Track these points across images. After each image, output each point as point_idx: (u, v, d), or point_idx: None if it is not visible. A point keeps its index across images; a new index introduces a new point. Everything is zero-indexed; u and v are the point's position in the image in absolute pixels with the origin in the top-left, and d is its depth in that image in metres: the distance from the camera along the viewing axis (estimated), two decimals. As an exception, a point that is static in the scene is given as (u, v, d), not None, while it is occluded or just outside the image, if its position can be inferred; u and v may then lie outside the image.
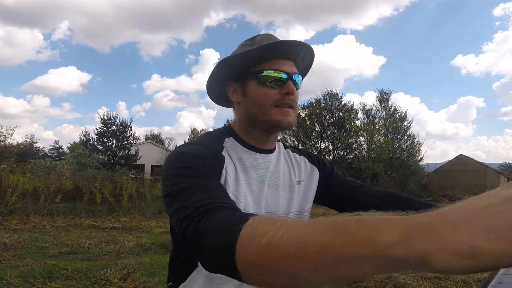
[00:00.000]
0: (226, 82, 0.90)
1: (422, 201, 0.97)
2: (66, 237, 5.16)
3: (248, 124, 0.89)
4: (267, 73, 0.82)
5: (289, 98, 0.83)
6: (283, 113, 0.83)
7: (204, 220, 0.55)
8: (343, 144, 25.90)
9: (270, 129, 0.87)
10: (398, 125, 25.92)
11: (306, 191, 0.97)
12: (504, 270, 0.74)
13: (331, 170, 1.03)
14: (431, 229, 0.32)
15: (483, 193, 0.34)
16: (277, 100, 0.82)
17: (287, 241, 0.40)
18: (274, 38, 0.87)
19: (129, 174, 12.68)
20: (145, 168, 29.14)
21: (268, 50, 0.82)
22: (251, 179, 0.85)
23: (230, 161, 0.83)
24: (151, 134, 49.01)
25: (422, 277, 3.97)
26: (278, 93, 0.82)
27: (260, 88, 0.83)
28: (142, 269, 3.73)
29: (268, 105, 0.83)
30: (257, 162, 0.88)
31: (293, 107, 0.85)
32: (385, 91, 26.75)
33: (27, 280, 3.25)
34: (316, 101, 27.20)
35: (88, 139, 25.64)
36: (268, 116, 0.83)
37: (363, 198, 0.97)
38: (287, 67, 0.84)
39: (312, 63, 0.95)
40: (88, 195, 7.81)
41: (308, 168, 1.00)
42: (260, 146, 0.90)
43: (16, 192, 6.81)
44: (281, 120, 0.83)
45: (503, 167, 51.36)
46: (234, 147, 0.87)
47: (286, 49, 0.84)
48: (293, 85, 0.83)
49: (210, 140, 0.86)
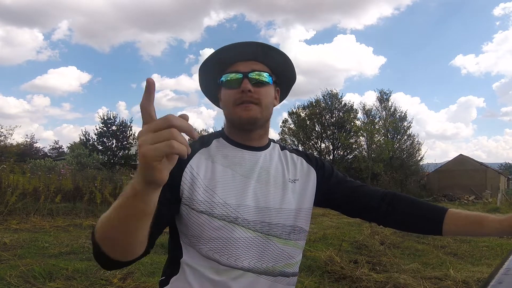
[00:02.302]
0: (216, 88, 1.00)
1: (421, 201, 0.98)
2: (66, 237, 5.16)
3: (229, 125, 0.97)
4: (225, 77, 0.92)
5: (247, 95, 0.88)
6: (243, 109, 0.89)
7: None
8: (343, 144, 25.88)
9: (239, 126, 0.93)
10: (398, 125, 25.91)
11: (302, 190, 0.97)
12: (504, 270, 0.74)
13: (331, 171, 1.04)
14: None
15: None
16: (236, 99, 0.89)
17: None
18: (244, 42, 0.94)
19: (129, 174, 12.67)
20: (145, 168, 29.06)
21: (220, 56, 0.92)
22: (235, 174, 0.89)
23: (203, 159, 0.88)
24: (151, 134, 48.87)
25: (422, 277, 3.96)
26: (236, 92, 0.89)
27: (224, 91, 0.93)
28: (142, 269, 3.73)
29: (230, 105, 0.91)
30: (242, 158, 0.93)
31: (256, 103, 0.89)
32: (385, 91, 26.76)
33: (27, 280, 3.25)
34: (316, 101, 27.20)
35: (88, 139, 25.60)
36: (233, 115, 0.91)
37: (363, 198, 0.98)
38: (243, 67, 0.91)
39: (287, 59, 0.98)
40: (88, 195, 7.80)
41: (304, 168, 1.01)
42: (246, 143, 0.95)
43: (16, 192, 6.79)
44: (241, 116, 0.89)
45: (503, 167, 51.37)
46: (220, 146, 0.94)
47: (231, 51, 0.91)
48: (248, 82, 0.88)
49: (196, 143, 0.92)
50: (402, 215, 0.95)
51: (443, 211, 0.90)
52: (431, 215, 0.90)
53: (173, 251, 0.90)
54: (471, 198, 19.49)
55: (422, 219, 0.92)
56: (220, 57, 0.93)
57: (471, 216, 0.86)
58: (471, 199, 19.18)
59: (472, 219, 0.85)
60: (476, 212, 0.88)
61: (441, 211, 0.90)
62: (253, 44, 0.91)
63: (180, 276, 0.86)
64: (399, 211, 0.95)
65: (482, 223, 0.83)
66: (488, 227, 0.82)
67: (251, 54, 0.92)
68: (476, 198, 19.58)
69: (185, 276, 0.85)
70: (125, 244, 0.64)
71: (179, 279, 0.86)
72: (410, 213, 0.94)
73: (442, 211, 0.90)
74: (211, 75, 0.97)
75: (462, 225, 0.87)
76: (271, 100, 0.95)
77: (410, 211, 0.94)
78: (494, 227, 0.82)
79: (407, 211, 0.94)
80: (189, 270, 0.85)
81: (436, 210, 0.91)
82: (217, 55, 0.93)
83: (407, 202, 0.96)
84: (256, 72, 0.90)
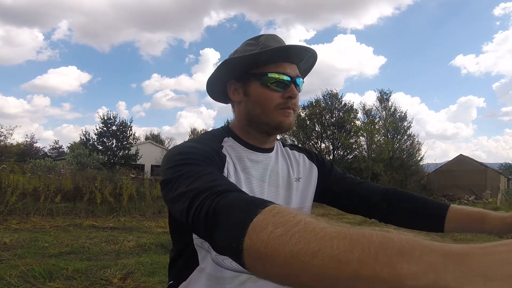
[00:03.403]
0: (227, 80, 0.90)
1: (423, 197, 0.96)
2: (66, 237, 5.15)
3: (248, 124, 0.89)
4: (271, 75, 0.83)
5: (291, 101, 0.84)
6: (285, 114, 0.84)
7: (221, 198, 0.53)
8: (343, 144, 25.87)
9: (271, 130, 0.88)
10: (398, 125, 25.91)
11: (305, 188, 0.96)
12: None
13: (330, 168, 1.03)
14: (468, 267, 0.29)
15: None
16: (280, 104, 0.84)
17: (299, 241, 0.38)
18: (279, 40, 0.88)
19: (129, 174, 12.67)
20: (145, 168, 29.15)
21: (274, 53, 0.83)
22: (251, 178, 0.85)
23: (230, 160, 0.83)
24: (151, 134, 49.05)
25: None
26: (281, 96, 0.83)
27: (263, 89, 0.84)
28: (142, 269, 3.73)
29: (271, 107, 0.84)
30: (257, 161, 0.88)
31: (294, 109, 0.86)
32: (385, 91, 26.78)
33: (27, 280, 3.25)
34: (316, 101, 27.19)
35: (88, 139, 25.62)
36: (271, 118, 0.84)
37: (363, 195, 0.96)
38: (290, 70, 0.85)
39: (313, 66, 0.96)
40: (88, 195, 7.79)
41: (307, 165, 1.00)
42: (259, 145, 0.90)
43: (16, 192, 6.79)
44: (283, 121, 0.84)
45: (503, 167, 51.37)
46: (233, 146, 0.87)
47: (291, 53, 0.85)
48: (295, 88, 0.84)
49: (209, 138, 0.86)
50: (403, 212, 0.93)
51: (445, 207, 0.88)
52: (433, 212, 0.88)
53: (183, 253, 0.86)
54: (471, 198, 19.47)
55: (424, 216, 0.90)
56: (260, 55, 0.82)
57: (474, 212, 0.84)
58: (471, 199, 19.17)
59: (474, 216, 0.83)
60: (478, 208, 0.86)
61: (443, 208, 0.88)
62: (307, 49, 0.86)
63: (191, 282, 0.84)
64: (401, 207, 0.93)
65: (484, 220, 0.82)
66: (490, 224, 0.81)
67: (298, 58, 0.87)
68: (476, 198, 19.56)
69: (198, 283, 0.82)
70: None
71: (190, 286, 0.84)
72: (412, 209, 0.92)
73: (444, 207, 0.88)
74: (241, 66, 0.86)
75: (465, 222, 0.85)
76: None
77: (412, 208, 0.92)
78: (496, 224, 0.80)
79: (408, 207, 0.92)
80: (203, 276, 0.82)
81: (438, 207, 0.89)
82: (259, 54, 0.82)
83: (408, 198, 0.94)
84: (299, 78, 0.87)
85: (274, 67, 0.84)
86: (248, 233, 0.43)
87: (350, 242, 0.35)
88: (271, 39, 0.87)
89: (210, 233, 0.52)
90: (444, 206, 0.88)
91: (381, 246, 0.33)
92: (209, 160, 0.72)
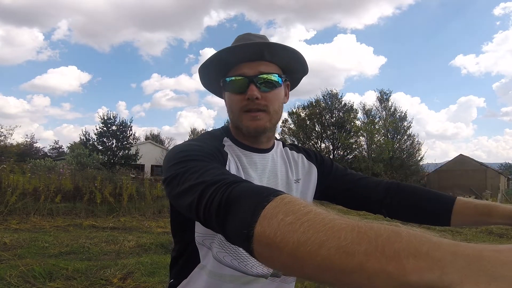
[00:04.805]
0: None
1: (427, 190, 0.94)
2: (66, 237, 5.15)
3: (235, 127, 0.89)
4: (229, 79, 0.82)
5: (254, 102, 0.79)
6: (250, 118, 0.81)
7: (233, 188, 0.53)
8: (343, 144, 25.89)
9: (245, 134, 0.85)
10: (398, 125, 25.95)
11: (304, 189, 0.95)
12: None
13: (330, 165, 1.01)
14: (477, 267, 0.28)
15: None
16: (243, 106, 0.81)
17: (307, 230, 0.38)
18: (248, 39, 0.84)
19: (129, 174, 12.68)
20: (145, 168, 29.14)
21: (229, 54, 0.80)
22: (250, 178, 0.83)
23: (231, 158, 0.82)
24: (151, 134, 49.01)
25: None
26: (243, 99, 0.80)
27: (229, 95, 0.84)
28: (142, 269, 3.73)
29: (236, 111, 0.82)
30: (254, 162, 0.87)
31: (264, 110, 0.81)
32: (385, 91, 26.86)
33: (27, 280, 3.25)
34: (316, 101, 27.20)
35: (88, 139, 25.60)
36: (240, 122, 0.83)
37: (365, 191, 0.95)
38: (248, 69, 0.80)
39: (298, 59, 0.87)
40: (88, 195, 7.81)
41: (306, 165, 0.99)
42: (254, 145, 0.89)
43: (16, 192, 6.80)
44: (249, 125, 0.81)
45: (503, 167, 51.38)
46: (232, 146, 0.87)
47: (245, 51, 0.80)
48: (255, 88, 0.79)
49: (210, 137, 0.86)
50: (409, 206, 0.90)
51: (451, 200, 0.85)
52: (439, 205, 0.85)
53: (185, 252, 0.86)
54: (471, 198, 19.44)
55: (430, 210, 0.87)
56: (222, 57, 0.81)
57: (480, 206, 0.81)
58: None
59: (481, 209, 0.80)
60: (485, 201, 0.84)
61: (450, 201, 0.85)
62: (258, 44, 0.80)
63: (192, 280, 0.83)
64: (405, 202, 0.91)
65: (491, 213, 0.79)
66: (497, 217, 0.78)
67: (257, 54, 0.81)
68: (476, 198, 19.57)
69: (199, 280, 0.82)
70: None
71: (191, 283, 0.83)
72: (416, 203, 0.89)
73: (451, 200, 0.85)
74: (212, 76, 0.88)
75: (472, 215, 0.82)
76: (280, 102, 0.86)
77: (417, 202, 0.89)
78: (504, 217, 0.78)
79: (413, 201, 0.90)
80: (204, 274, 0.82)
81: (444, 200, 0.86)
82: (220, 55, 0.81)
83: (413, 192, 0.92)
84: (263, 74, 0.80)
85: (234, 69, 0.82)
86: (260, 219, 0.43)
87: (358, 234, 0.35)
88: (240, 39, 0.86)
89: (222, 222, 0.51)
90: (451, 199, 0.85)
91: (389, 240, 0.33)
92: (212, 157, 0.72)
